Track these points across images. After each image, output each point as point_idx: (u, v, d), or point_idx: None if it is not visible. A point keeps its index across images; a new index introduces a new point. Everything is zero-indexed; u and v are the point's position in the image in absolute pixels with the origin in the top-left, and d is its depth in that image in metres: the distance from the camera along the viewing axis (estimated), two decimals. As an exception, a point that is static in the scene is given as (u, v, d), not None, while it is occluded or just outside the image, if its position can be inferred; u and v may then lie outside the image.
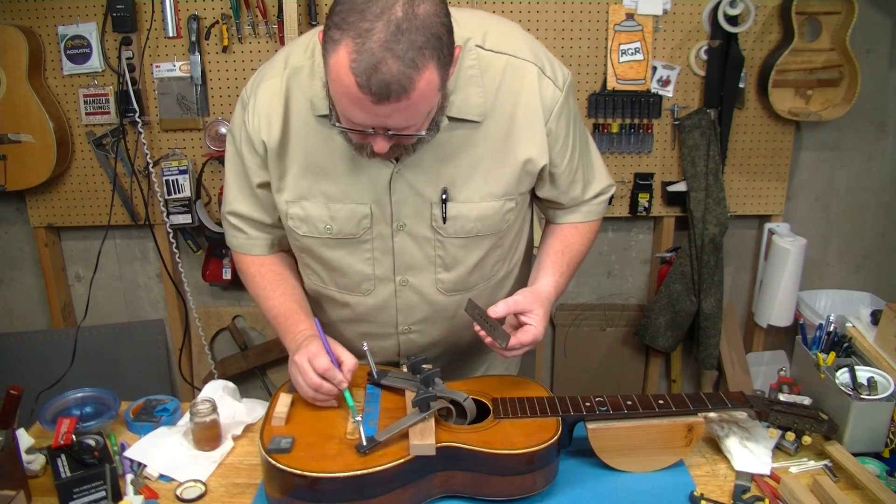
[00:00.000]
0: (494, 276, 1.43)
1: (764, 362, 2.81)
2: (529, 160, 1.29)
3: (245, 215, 1.39)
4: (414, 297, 1.38)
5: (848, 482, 1.25)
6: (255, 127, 1.27)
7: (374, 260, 1.34)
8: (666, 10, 2.47)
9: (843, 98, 2.49)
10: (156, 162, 2.55)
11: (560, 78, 1.29)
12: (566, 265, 1.39)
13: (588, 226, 1.45)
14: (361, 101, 1.01)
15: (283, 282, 1.42)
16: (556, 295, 1.36)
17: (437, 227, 1.31)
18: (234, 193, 1.38)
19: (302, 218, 1.31)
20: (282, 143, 1.27)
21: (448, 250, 1.34)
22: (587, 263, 2.86)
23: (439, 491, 1.20)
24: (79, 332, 2.64)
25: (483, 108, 1.24)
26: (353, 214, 1.29)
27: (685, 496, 1.23)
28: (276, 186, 1.31)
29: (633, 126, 2.58)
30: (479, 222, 1.31)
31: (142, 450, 1.34)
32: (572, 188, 1.39)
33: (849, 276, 2.94)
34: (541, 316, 1.27)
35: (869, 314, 1.57)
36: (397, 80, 0.98)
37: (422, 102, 1.04)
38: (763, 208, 2.74)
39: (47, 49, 2.44)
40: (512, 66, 1.25)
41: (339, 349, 1.27)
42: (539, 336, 1.27)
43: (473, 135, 1.25)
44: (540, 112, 1.27)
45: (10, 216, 2.72)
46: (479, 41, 1.23)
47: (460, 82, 1.22)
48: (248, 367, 2.82)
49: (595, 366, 2.93)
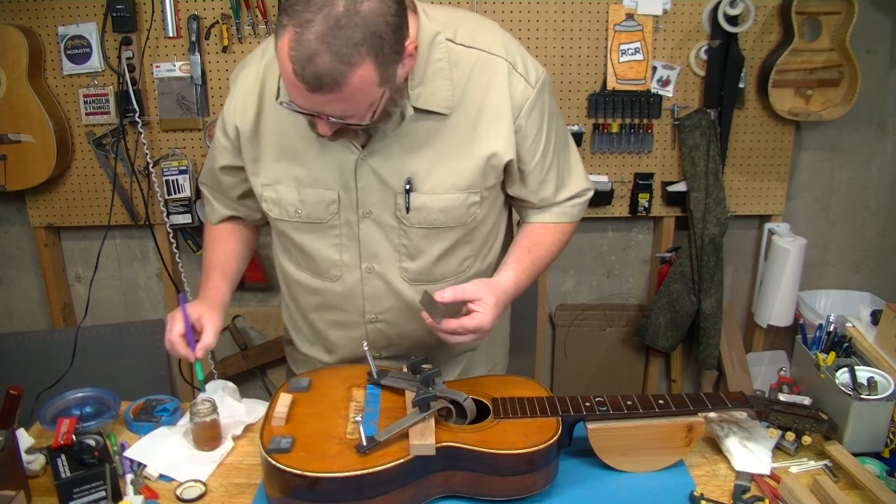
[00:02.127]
0: (464, 272, 1.43)
1: (764, 362, 2.81)
2: (494, 154, 1.30)
3: (208, 185, 1.52)
4: (380, 286, 1.39)
5: (848, 482, 1.25)
6: (230, 112, 1.35)
7: (342, 246, 1.37)
8: (666, 10, 2.47)
9: (843, 98, 2.49)
10: (156, 162, 2.55)
11: (533, 75, 1.30)
12: (531, 263, 1.39)
13: (559, 227, 1.44)
14: (298, 88, 1.05)
15: (219, 245, 1.52)
16: (514, 290, 1.36)
17: (400, 217, 1.32)
18: (205, 168, 1.51)
19: (275, 201, 1.36)
20: (255, 127, 1.32)
21: (412, 240, 1.35)
22: (587, 263, 2.87)
23: (439, 491, 1.20)
24: (79, 332, 2.64)
25: (451, 101, 1.26)
26: (321, 199, 1.33)
27: (685, 496, 1.23)
28: (252, 170, 1.37)
29: (633, 126, 2.58)
30: (442, 214, 1.32)
31: (142, 450, 1.34)
32: (543, 188, 1.39)
33: (849, 276, 2.94)
34: (490, 305, 1.27)
35: (869, 314, 1.57)
36: (329, 73, 1.02)
37: (357, 96, 1.07)
38: (763, 208, 2.74)
39: (47, 49, 2.44)
40: (482, 61, 1.27)
41: (209, 324, 1.35)
42: (484, 324, 1.26)
43: (440, 127, 1.27)
44: (508, 107, 1.28)
45: (10, 216, 2.72)
46: (451, 35, 1.26)
47: (428, 75, 1.24)
48: (248, 367, 2.82)
49: (595, 366, 2.93)
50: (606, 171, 2.64)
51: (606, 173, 2.64)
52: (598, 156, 2.63)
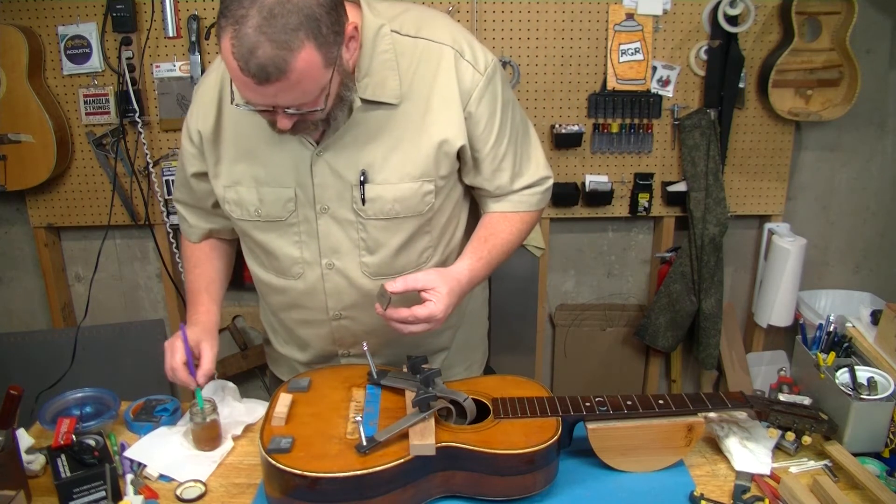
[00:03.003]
0: (425, 264, 1.43)
1: (764, 362, 2.81)
2: (445, 141, 1.31)
3: (183, 202, 1.52)
4: (341, 281, 1.40)
5: (848, 482, 1.25)
6: (193, 118, 1.38)
7: (302, 243, 1.38)
8: (666, 10, 2.47)
9: (843, 98, 2.49)
10: (156, 162, 2.55)
11: (482, 62, 1.31)
12: (487, 252, 1.39)
13: (518, 216, 1.44)
14: (247, 84, 1.07)
15: (203, 264, 1.53)
16: (469, 279, 1.35)
17: (357, 210, 1.33)
18: (176, 182, 1.52)
19: (236, 202, 1.37)
20: (216, 130, 1.35)
21: (370, 233, 1.35)
22: (587, 263, 2.87)
23: (439, 491, 1.20)
24: (79, 332, 2.64)
25: (398, 91, 1.27)
26: (278, 197, 1.34)
27: (685, 496, 1.23)
28: (213, 172, 1.39)
29: (633, 126, 2.58)
30: (397, 203, 1.33)
31: (142, 450, 1.34)
32: (497, 176, 1.39)
33: (849, 276, 2.94)
34: (443, 294, 1.27)
35: (869, 314, 1.57)
36: (273, 62, 1.04)
37: (305, 81, 1.09)
38: (763, 208, 2.74)
39: (47, 49, 2.44)
40: (429, 50, 1.29)
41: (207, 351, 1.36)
42: (436, 313, 1.26)
43: (391, 117, 1.29)
44: (457, 94, 1.29)
45: (10, 216, 2.72)
46: (396, 27, 1.28)
47: (374, 66, 1.25)
48: (248, 367, 2.82)
49: (595, 366, 2.93)
50: (606, 171, 2.64)
51: (606, 173, 2.64)
52: (598, 156, 2.62)
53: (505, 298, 2.76)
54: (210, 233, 1.54)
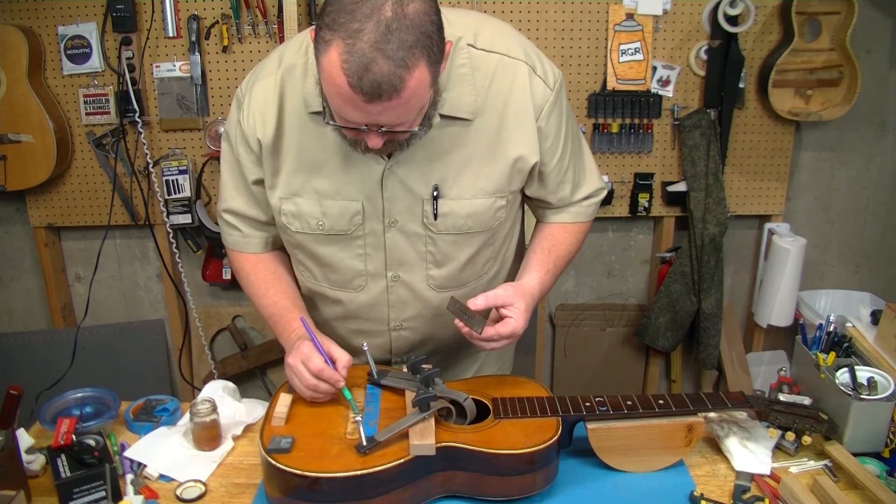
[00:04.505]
0: (486, 274, 1.43)
1: (764, 362, 2.81)
2: (520, 158, 1.30)
3: (240, 213, 1.40)
4: (405, 294, 1.39)
5: (848, 482, 1.25)
6: (250, 125, 1.29)
7: (366, 256, 1.35)
8: (666, 10, 2.47)
9: (843, 98, 2.49)
10: (156, 162, 2.55)
11: (551, 77, 1.30)
12: (552, 263, 1.40)
13: (577, 226, 1.45)
14: (354, 101, 1.03)
15: (278, 280, 1.43)
16: (539, 291, 1.36)
17: (428, 224, 1.32)
18: (230, 191, 1.39)
19: (295, 214, 1.33)
20: (276, 140, 1.29)
21: (439, 247, 1.34)
22: (587, 263, 2.87)
23: (439, 491, 1.20)
24: (79, 332, 2.64)
25: (474, 106, 1.25)
26: (345, 211, 1.31)
27: (685, 496, 1.23)
28: (270, 183, 1.33)
29: (633, 126, 2.58)
30: (469, 219, 1.32)
31: (142, 450, 1.34)
32: (561, 188, 1.39)
33: (849, 276, 2.94)
34: (522, 310, 1.28)
35: (869, 314, 1.56)
36: (388, 79, 1.00)
37: (413, 100, 1.06)
38: (763, 208, 2.74)
39: (47, 49, 2.44)
40: (503, 65, 1.26)
41: (332, 346, 1.28)
42: (518, 329, 1.27)
43: (465, 132, 1.27)
44: (531, 110, 1.28)
45: (10, 216, 2.72)
46: (471, 40, 1.25)
47: (452, 80, 1.23)
48: (248, 367, 2.82)
49: (595, 366, 2.93)
50: (606, 171, 2.64)
51: (606, 173, 2.64)
52: (598, 156, 2.62)
53: (505, 298, 2.76)
54: (269, 242, 1.45)
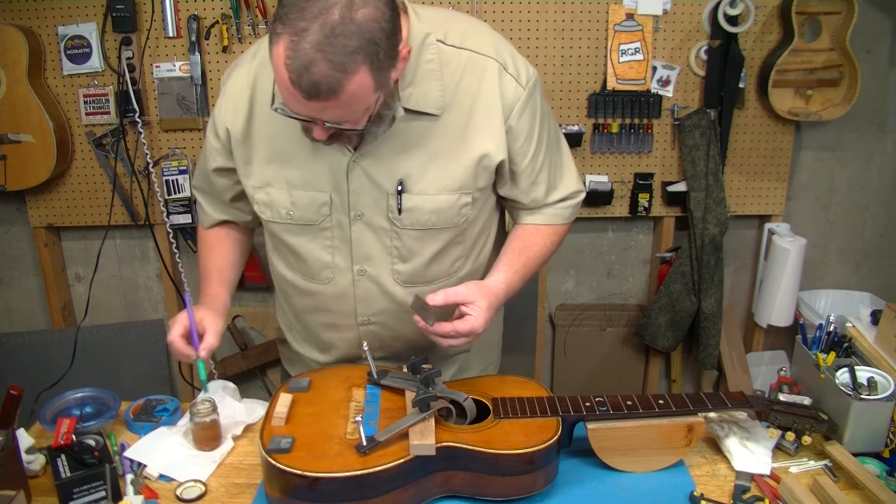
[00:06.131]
0: (456, 273, 1.43)
1: (764, 362, 2.81)
2: (486, 155, 1.30)
3: (202, 189, 1.52)
4: (372, 288, 1.39)
5: (848, 482, 1.25)
6: (221, 114, 1.35)
7: (334, 248, 1.37)
8: (666, 10, 2.47)
9: (843, 98, 2.49)
10: (156, 162, 2.55)
11: (524, 76, 1.30)
12: (522, 264, 1.39)
13: (551, 228, 1.44)
14: (295, 96, 1.06)
15: (215, 249, 1.53)
16: (506, 291, 1.36)
17: (392, 219, 1.32)
18: (197, 171, 1.52)
19: (267, 203, 1.36)
20: (247, 129, 1.33)
21: (404, 242, 1.35)
22: (587, 263, 2.87)
23: (439, 491, 1.20)
24: (79, 332, 2.64)
25: (441, 102, 1.26)
26: (312, 201, 1.33)
27: (685, 496, 1.23)
28: (243, 172, 1.37)
29: (633, 126, 2.58)
30: (433, 215, 1.32)
31: (142, 450, 1.34)
32: (534, 189, 1.39)
33: (849, 276, 2.94)
34: (483, 308, 1.27)
35: (869, 314, 1.57)
36: (326, 81, 1.03)
37: (354, 102, 1.08)
38: (763, 208, 2.74)
39: (47, 49, 2.44)
40: (473, 62, 1.28)
41: (211, 325, 1.35)
42: (477, 327, 1.26)
43: (431, 128, 1.27)
44: (499, 108, 1.28)
45: (10, 216, 2.72)
46: (441, 37, 1.26)
47: (419, 76, 1.24)
48: (248, 367, 2.82)
49: (595, 366, 2.93)
50: (606, 171, 2.64)
51: (606, 173, 2.64)
52: (598, 156, 2.63)
53: (505, 298, 2.76)
54: (223, 223, 1.54)
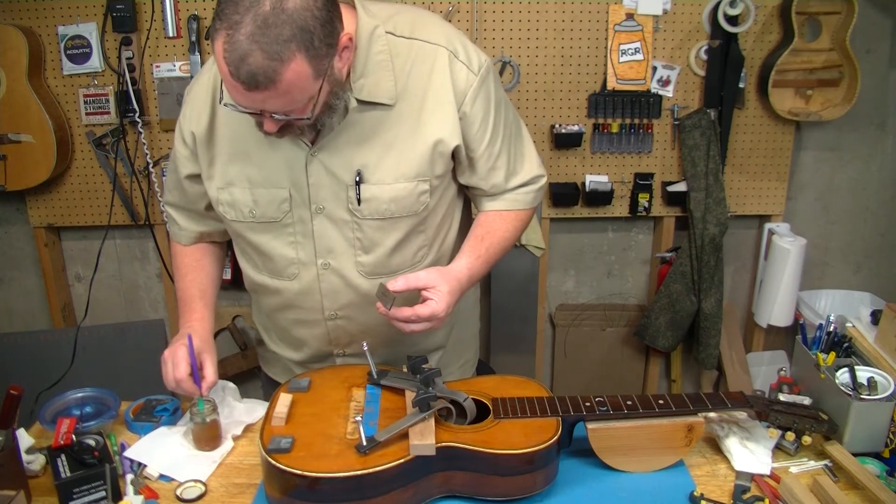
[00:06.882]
0: (420, 262, 1.43)
1: (764, 362, 2.82)
2: (440, 141, 1.31)
3: (175, 204, 1.50)
4: (337, 281, 1.40)
5: (848, 482, 1.25)
6: (187, 120, 1.37)
7: (297, 244, 1.38)
8: (666, 10, 2.47)
9: (843, 98, 2.49)
10: (156, 162, 2.55)
11: (475, 63, 1.32)
12: (485, 250, 1.40)
13: (513, 214, 1.45)
14: (237, 88, 1.08)
15: (197, 269, 1.51)
16: (469, 277, 1.36)
17: (353, 210, 1.33)
18: (168, 185, 1.51)
19: (230, 203, 1.37)
20: (209, 131, 1.35)
21: (366, 232, 1.36)
22: (587, 263, 2.87)
23: (439, 491, 1.20)
24: (79, 332, 2.63)
25: (394, 92, 1.28)
26: (273, 198, 1.34)
27: (685, 496, 1.23)
28: (207, 174, 1.38)
29: (633, 126, 2.58)
30: (392, 204, 1.33)
31: (142, 450, 1.34)
32: (493, 175, 1.40)
33: (849, 276, 2.94)
34: (444, 292, 1.28)
35: (869, 314, 1.57)
36: (263, 71, 1.05)
37: (294, 91, 1.10)
38: (763, 208, 2.74)
39: (47, 49, 2.44)
40: (423, 51, 1.30)
41: (208, 363, 1.36)
42: (438, 311, 1.27)
43: (386, 117, 1.29)
44: (451, 95, 1.30)
45: (10, 216, 2.72)
46: (390, 28, 1.29)
47: (370, 67, 1.26)
48: (248, 367, 2.82)
49: (595, 366, 2.93)
50: (606, 171, 2.64)
51: (606, 173, 2.64)
52: (598, 156, 2.63)
53: (505, 298, 2.77)
54: (201, 236, 1.53)
